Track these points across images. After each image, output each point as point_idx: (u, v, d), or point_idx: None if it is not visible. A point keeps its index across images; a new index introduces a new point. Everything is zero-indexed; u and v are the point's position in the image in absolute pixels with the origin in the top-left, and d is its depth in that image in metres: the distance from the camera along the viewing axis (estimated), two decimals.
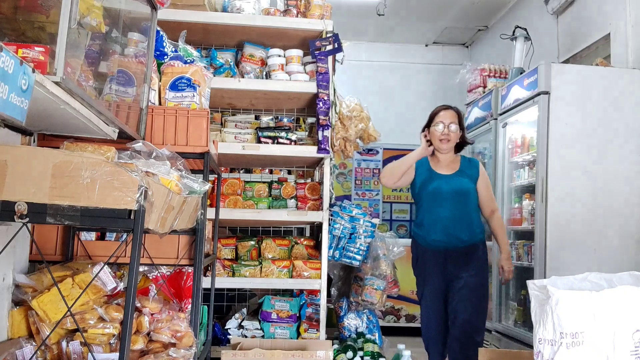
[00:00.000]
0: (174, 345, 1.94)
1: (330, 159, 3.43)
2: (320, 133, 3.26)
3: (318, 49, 3.32)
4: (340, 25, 3.86)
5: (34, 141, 1.93)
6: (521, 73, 3.95)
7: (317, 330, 3.19)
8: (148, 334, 1.93)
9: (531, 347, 1.96)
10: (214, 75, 3.18)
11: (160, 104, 2.33)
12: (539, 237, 3.42)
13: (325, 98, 3.27)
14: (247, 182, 3.53)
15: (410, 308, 5.18)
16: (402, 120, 6.21)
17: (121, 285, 1.92)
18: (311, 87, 3.31)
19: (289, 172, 4.05)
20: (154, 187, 1.47)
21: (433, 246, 2.87)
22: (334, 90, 3.39)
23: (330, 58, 3.36)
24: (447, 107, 2.97)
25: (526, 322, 3.62)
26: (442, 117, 2.92)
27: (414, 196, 3.03)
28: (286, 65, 3.39)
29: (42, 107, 1.47)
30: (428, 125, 3.00)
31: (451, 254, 2.83)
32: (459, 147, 3.01)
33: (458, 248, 2.83)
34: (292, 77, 3.35)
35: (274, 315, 3.24)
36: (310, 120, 3.77)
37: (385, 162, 6.27)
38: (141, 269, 2.32)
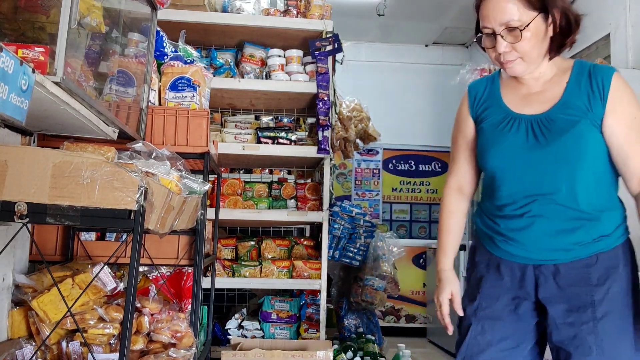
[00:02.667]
0: (174, 345, 1.94)
1: (330, 159, 3.43)
2: (320, 133, 3.26)
3: (318, 49, 3.32)
4: (340, 25, 3.85)
5: (34, 141, 1.93)
6: None
7: (317, 330, 3.19)
8: (148, 334, 1.93)
9: None
10: (214, 76, 3.18)
11: (160, 104, 2.33)
12: None
13: (325, 98, 3.27)
14: (247, 182, 3.53)
15: (410, 308, 5.18)
16: (402, 120, 6.21)
17: (121, 286, 1.92)
18: (311, 88, 3.30)
19: (289, 173, 4.05)
20: (154, 188, 1.47)
21: (511, 258, 1.51)
22: (334, 90, 3.39)
23: (330, 58, 3.36)
24: None
25: None
26: (485, 17, 1.44)
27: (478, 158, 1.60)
28: (286, 65, 3.39)
29: (42, 107, 1.47)
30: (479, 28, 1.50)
31: (548, 276, 1.45)
32: (558, 43, 1.47)
33: (566, 264, 1.44)
34: (292, 78, 3.35)
35: (274, 316, 3.24)
36: (310, 120, 3.77)
37: (385, 162, 6.28)
38: (141, 269, 2.32)
